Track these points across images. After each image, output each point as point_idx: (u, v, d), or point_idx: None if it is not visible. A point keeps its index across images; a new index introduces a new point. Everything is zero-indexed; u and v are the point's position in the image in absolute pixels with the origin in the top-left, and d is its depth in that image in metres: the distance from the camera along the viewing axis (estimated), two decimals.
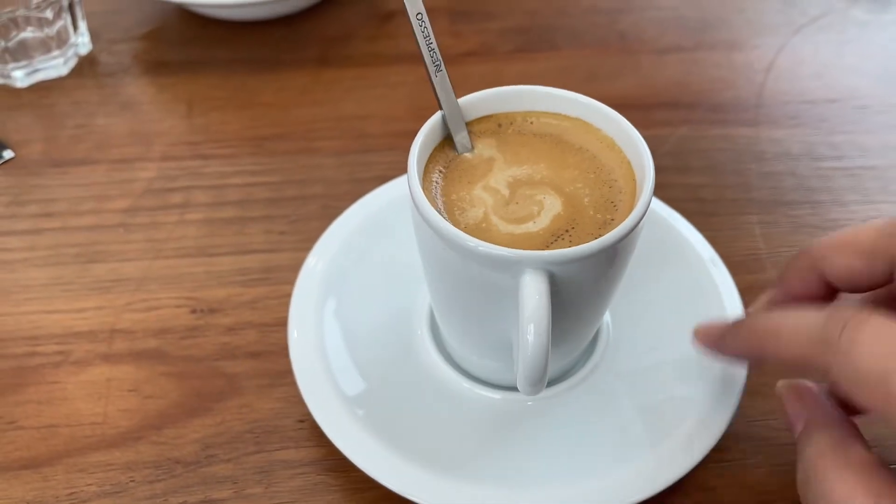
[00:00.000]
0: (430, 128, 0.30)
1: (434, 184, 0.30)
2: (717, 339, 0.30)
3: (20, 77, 0.54)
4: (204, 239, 0.43)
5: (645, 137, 0.30)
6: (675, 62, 0.56)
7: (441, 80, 0.29)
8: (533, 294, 0.26)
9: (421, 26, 0.28)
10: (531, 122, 0.32)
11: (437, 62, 0.29)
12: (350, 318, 0.37)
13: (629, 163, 0.30)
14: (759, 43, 0.57)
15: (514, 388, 0.33)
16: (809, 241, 0.33)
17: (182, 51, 0.58)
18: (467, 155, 0.31)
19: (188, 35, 0.59)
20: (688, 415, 0.33)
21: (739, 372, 0.33)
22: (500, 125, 0.32)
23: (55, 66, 0.55)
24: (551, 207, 0.29)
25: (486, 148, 0.31)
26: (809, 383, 0.29)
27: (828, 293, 0.29)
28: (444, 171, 0.30)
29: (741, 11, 0.61)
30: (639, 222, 0.27)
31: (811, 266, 0.29)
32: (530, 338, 0.26)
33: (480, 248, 0.26)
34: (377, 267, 0.39)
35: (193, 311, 0.39)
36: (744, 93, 0.39)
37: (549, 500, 0.30)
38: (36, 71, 0.54)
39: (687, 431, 0.32)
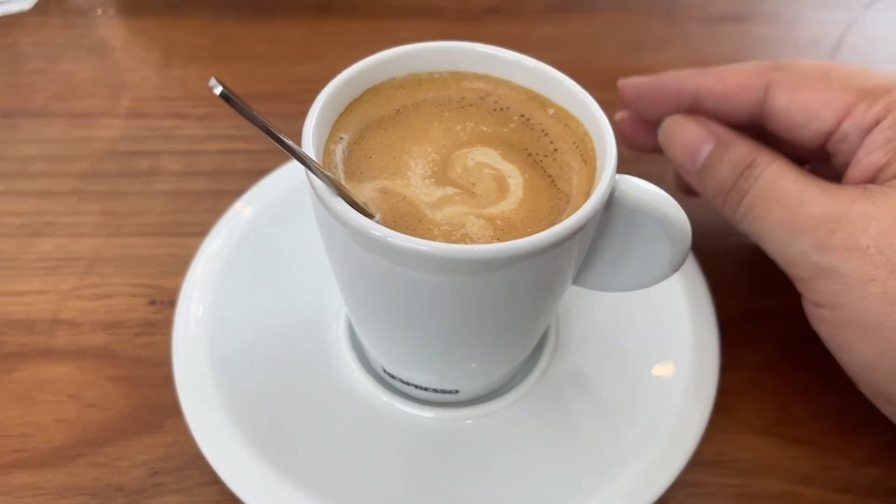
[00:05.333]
0: (332, 91, 0.25)
1: (337, 153, 0.25)
2: (644, 87, 0.33)
3: None
4: (170, 215, 0.39)
5: None
6: (729, 34, 0.52)
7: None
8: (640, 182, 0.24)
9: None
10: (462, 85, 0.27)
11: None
12: (255, 319, 0.32)
13: (590, 138, 0.25)
14: (826, 18, 0.54)
15: (447, 404, 0.30)
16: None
17: None
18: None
19: None
20: (648, 441, 0.28)
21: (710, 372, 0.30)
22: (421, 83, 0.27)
23: None
24: (493, 187, 0.24)
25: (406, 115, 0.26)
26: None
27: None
28: (352, 138, 0.26)
29: None
30: (594, 213, 0.22)
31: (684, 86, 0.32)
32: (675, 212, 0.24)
33: (390, 239, 0.21)
34: (289, 255, 0.34)
35: (152, 303, 0.35)
36: None
37: None
38: None
39: (647, 462, 0.28)
